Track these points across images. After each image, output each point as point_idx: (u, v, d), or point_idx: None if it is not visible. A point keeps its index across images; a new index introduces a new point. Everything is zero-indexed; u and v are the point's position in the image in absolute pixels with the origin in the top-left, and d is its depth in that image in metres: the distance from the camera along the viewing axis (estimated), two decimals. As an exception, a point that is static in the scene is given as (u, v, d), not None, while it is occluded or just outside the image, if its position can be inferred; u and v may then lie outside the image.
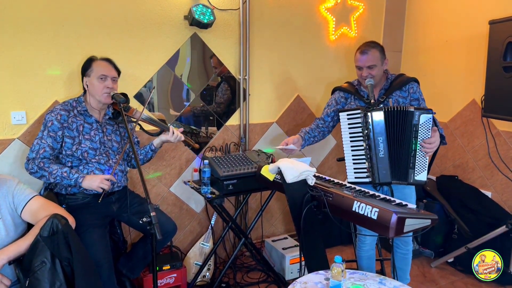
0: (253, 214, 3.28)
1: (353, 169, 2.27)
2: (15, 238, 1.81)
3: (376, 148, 2.17)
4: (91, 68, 2.18)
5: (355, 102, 2.41)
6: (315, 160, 3.58)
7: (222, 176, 2.53)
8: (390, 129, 2.16)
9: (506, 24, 2.60)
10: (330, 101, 2.55)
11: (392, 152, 2.17)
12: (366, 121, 2.18)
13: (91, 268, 1.82)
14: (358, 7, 3.50)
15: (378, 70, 2.29)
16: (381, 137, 2.16)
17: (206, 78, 2.96)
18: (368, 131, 2.18)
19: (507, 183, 3.03)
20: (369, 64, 2.27)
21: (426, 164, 2.16)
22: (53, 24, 2.40)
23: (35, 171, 2.08)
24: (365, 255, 2.55)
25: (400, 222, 1.64)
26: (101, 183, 2.07)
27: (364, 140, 2.21)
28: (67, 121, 2.15)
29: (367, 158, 2.21)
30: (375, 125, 2.17)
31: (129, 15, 2.60)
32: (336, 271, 1.64)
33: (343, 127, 2.29)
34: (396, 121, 2.15)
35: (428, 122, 2.12)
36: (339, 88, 2.52)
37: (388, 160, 2.17)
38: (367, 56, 2.27)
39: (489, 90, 2.78)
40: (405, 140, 2.15)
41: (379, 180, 2.19)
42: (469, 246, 2.85)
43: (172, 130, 2.34)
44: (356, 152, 2.25)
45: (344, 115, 2.28)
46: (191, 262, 2.86)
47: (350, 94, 2.44)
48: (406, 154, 2.15)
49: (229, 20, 2.95)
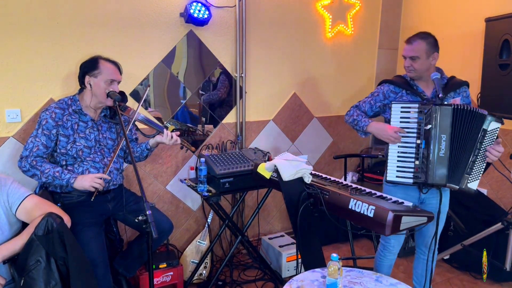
0: (249, 212, 3.28)
1: (396, 167, 2.13)
2: (10, 237, 1.80)
3: (437, 146, 2.02)
4: (99, 69, 2.14)
5: (407, 97, 2.25)
6: (311, 158, 3.58)
7: (219, 174, 2.52)
8: (456, 129, 2.01)
9: (502, 22, 2.61)
10: (376, 93, 2.34)
11: (453, 153, 2.02)
12: (430, 116, 2.02)
13: (86, 267, 1.81)
14: (355, 5, 3.49)
15: (422, 63, 2.16)
16: (444, 135, 2.01)
17: (202, 75, 2.95)
18: (431, 126, 2.02)
19: (502, 181, 3.04)
20: (411, 54, 2.16)
21: (481, 172, 2.05)
22: (48, 21, 2.37)
23: (27, 170, 2.07)
24: (387, 264, 2.40)
25: (396, 219, 1.64)
26: (92, 182, 2.05)
27: (418, 137, 2.07)
28: (62, 119, 2.14)
29: (420, 156, 2.06)
30: (441, 121, 2.01)
31: (125, 12, 2.58)
32: (332, 269, 1.65)
33: (394, 120, 2.12)
34: (465, 122, 2.00)
35: (496, 131, 2.02)
36: (389, 81, 2.32)
37: (448, 160, 2.02)
38: (411, 46, 2.17)
39: (485, 88, 2.79)
40: (469, 143, 2.02)
41: (434, 180, 2.04)
42: (464, 243, 2.86)
43: (167, 133, 2.29)
44: (404, 149, 2.11)
45: (398, 107, 2.11)
46: (187, 260, 2.86)
47: (401, 88, 2.26)
48: (467, 157, 2.02)
49: (226, 18, 2.94)
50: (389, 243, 2.35)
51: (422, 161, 2.07)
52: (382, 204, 1.70)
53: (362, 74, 3.71)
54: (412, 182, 2.10)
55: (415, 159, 2.08)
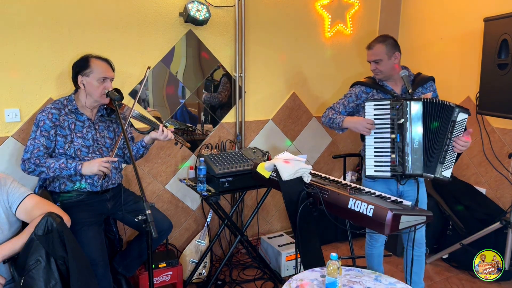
0: (249, 212, 3.28)
1: (374, 162, 2.23)
2: (10, 237, 1.80)
3: (411, 139, 2.13)
4: (90, 68, 2.13)
5: (378, 95, 2.37)
6: (310, 158, 3.59)
7: (218, 174, 2.53)
8: (428, 121, 2.13)
9: (500, 22, 2.61)
10: (348, 94, 2.47)
11: (426, 143, 2.14)
12: (402, 111, 2.13)
13: (86, 267, 1.81)
14: (354, 4, 3.50)
15: (385, 64, 2.30)
16: (417, 128, 2.13)
17: (201, 75, 2.95)
18: (404, 120, 2.13)
19: (501, 180, 3.06)
20: (373, 58, 2.31)
21: (453, 161, 2.17)
22: (47, 21, 2.37)
23: (33, 170, 2.06)
24: (375, 252, 2.51)
25: (395, 219, 1.65)
26: (100, 166, 2.04)
27: (392, 132, 2.17)
28: (59, 119, 2.13)
29: (396, 149, 2.16)
30: (413, 115, 2.12)
31: (124, 11, 2.58)
32: (332, 268, 1.65)
33: (368, 118, 2.23)
34: (435, 114, 2.12)
35: (464, 121, 2.13)
36: (359, 83, 2.46)
37: (422, 151, 2.13)
38: (372, 51, 2.33)
39: (483, 87, 2.79)
40: (440, 134, 2.14)
41: (411, 171, 2.14)
42: (463, 243, 2.87)
43: (161, 128, 2.29)
44: (380, 144, 2.21)
45: (371, 105, 2.22)
46: (187, 260, 2.86)
47: (371, 88, 2.40)
48: (439, 148, 2.14)
49: (225, 17, 2.94)
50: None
51: (398, 154, 2.17)
52: (381, 204, 1.71)
53: (361, 74, 3.70)
54: (390, 175, 2.20)
55: (391, 152, 2.19)
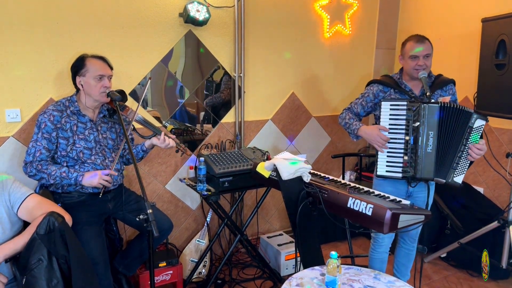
0: (248, 211, 3.29)
1: (386, 162, 2.21)
2: (11, 236, 1.81)
3: (425, 142, 2.11)
4: (86, 67, 2.12)
5: (395, 95, 2.32)
6: (310, 157, 3.60)
7: (218, 173, 2.54)
8: (443, 125, 2.10)
9: (498, 22, 2.63)
10: (366, 94, 2.42)
11: (440, 148, 2.12)
12: (418, 114, 2.10)
13: (87, 266, 1.82)
14: (352, 5, 3.51)
15: (431, 61, 2.25)
16: (432, 132, 2.10)
17: (200, 75, 2.96)
18: (419, 124, 2.10)
19: (499, 179, 3.07)
20: (427, 52, 2.21)
21: (466, 167, 2.14)
22: (47, 21, 2.38)
23: (34, 174, 2.07)
24: (378, 257, 2.48)
25: (394, 218, 1.66)
26: (100, 180, 2.05)
27: (406, 133, 2.15)
28: (60, 121, 2.12)
29: (409, 151, 2.15)
30: (429, 119, 2.09)
31: (124, 12, 2.59)
32: (331, 267, 1.66)
33: (384, 117, 2.20)
34: (451, 119, 2.09)
35: (481, 128, 2.11)
36: (377, 81, 2.40)
37: (435, 156, 2.12)
38: (425, 45, 2.22)
39: (481, 87, 2.81)
40: (455, 139, 2.12)
41: (422, 175, 2.14)
42: (461, 241, 2.89)
43: (163, 137, 2.29)
44: (394, 145, 2.20)
45: (387, 105, 2.19)
46: (187, 259, 2.87)
47: (389, 87, 2.34)
48: (453, 153, 2.12)
49: (224, 18, 2.95)
50: (378, 236, 2.43)
51: (410, 157, 2.16)
52: (380, 203, 1.72)
53: (359, 74, 3.73)
54: (401, 176, 2.20)
55: (404, 154, 2.18)
